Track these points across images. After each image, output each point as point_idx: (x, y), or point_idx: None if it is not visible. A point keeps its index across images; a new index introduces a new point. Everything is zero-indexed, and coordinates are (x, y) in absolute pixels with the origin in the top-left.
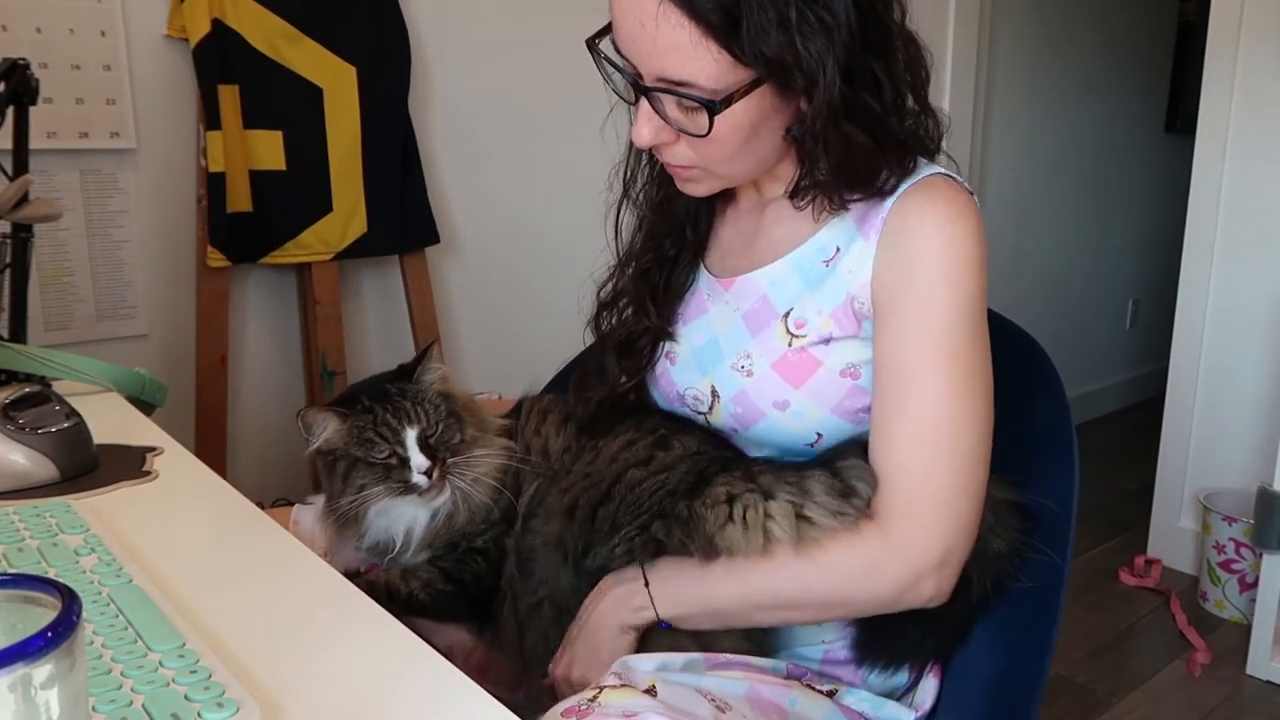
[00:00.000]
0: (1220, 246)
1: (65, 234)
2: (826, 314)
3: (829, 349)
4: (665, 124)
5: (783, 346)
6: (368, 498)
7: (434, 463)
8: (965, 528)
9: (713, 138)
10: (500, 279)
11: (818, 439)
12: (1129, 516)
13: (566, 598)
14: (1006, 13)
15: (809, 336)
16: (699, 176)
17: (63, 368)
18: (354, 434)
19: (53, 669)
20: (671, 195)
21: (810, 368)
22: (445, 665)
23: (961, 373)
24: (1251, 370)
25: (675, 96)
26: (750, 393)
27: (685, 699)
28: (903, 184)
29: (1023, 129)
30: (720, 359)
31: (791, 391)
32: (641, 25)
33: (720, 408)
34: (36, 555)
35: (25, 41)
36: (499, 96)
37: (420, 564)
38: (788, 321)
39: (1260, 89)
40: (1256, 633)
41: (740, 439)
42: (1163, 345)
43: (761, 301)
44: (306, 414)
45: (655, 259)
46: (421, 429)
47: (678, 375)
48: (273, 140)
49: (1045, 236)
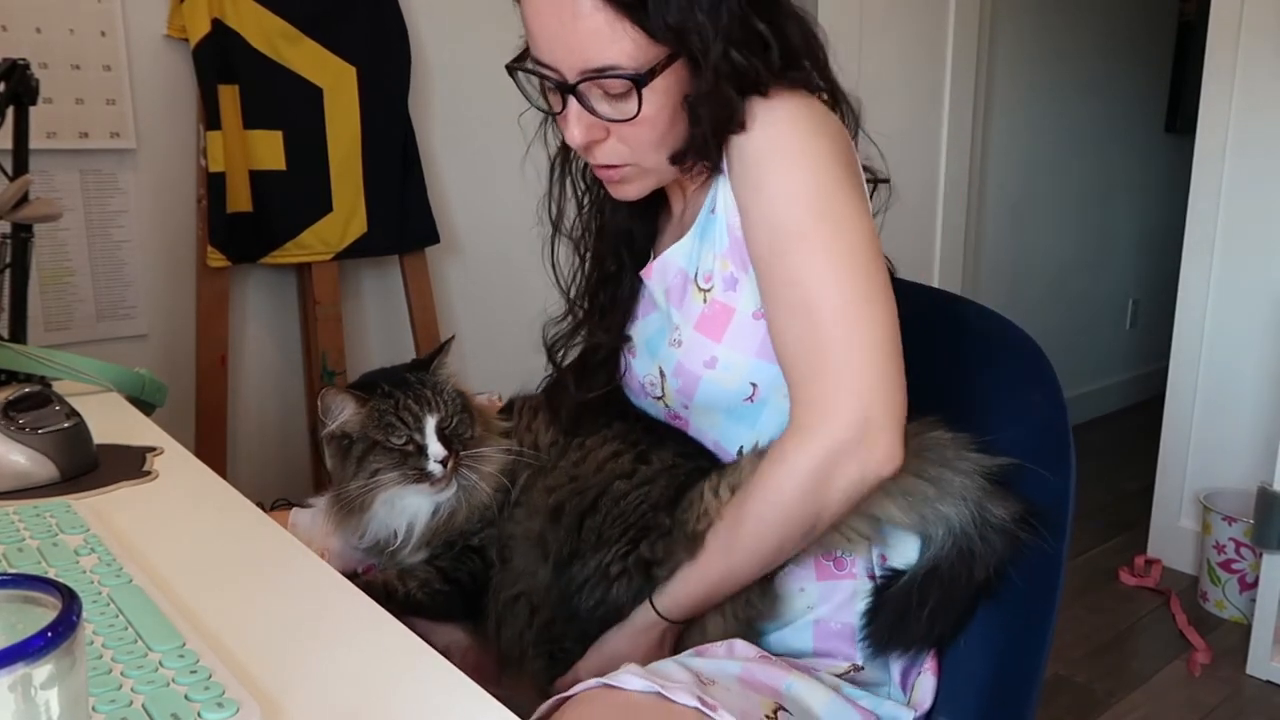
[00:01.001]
0: (1220, 246)
1: (65, 234)
2: (721, 255)
3: (736, 295)
4: (595, 120)
5: (699, 305)
6: (379, 484)
7: (449, 453)
8: (877, 387)
9: (641, 119)
10: (500, 279)
11: (754, 390)
12: (1129, 516)
13: (541, 595)
14: (1006, 13)
15: (715, 286)
16: (630, 175)
17: (63, 368)
18: (374, 417)
19: (53, 669)
20: (604, 222)
21: (725, 317)
22: (445, 665)
23: (821, 238)
24: (1251, 370)
25: (601, 84)
26: (683, 361)
27: (667, 667)
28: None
29: (1023, 129)
30: (661, 340)
31: (715, 347)
32: (560, 22)
33: (667, 386)
34: (36, 555)
35: (25, 41)
36: (499, 96)
37: (418, 564)
38: (698, 280)
39: (1260, 89)
40: (1256, 633)
41: (691, 416)
42: (1163, 345)
43: (679, 274)
44: (326, 395)
45: (600, 278)
46: (440, 418)
47: (637, 365)
48: (273, 140)
49: (1045, 236)
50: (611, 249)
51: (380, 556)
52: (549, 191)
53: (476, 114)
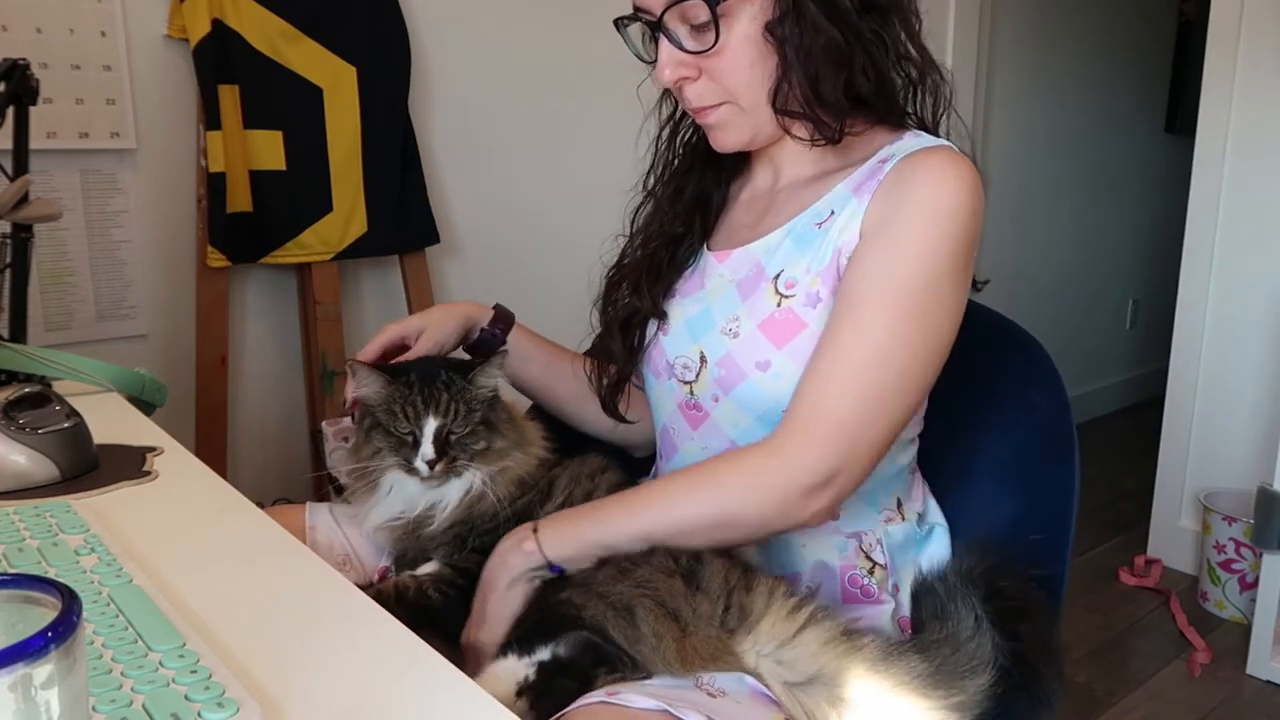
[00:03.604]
0: (1220, 246)
1: (65, 234)
2: (815, 273)
3: (816, 312)
4: (684, 57)
5: (770, 306)
6: (379, 465)
7: (439, 459)
8: (859, 459)
9: (724, 50)
10: (500, 279)
11: None
12: (1129, 516)
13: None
14: (1006, 13)
15: (798, 297)
16: (727, 118)
17: (63, 368)
18: (387, 401)
19: (53, 669)
20: (683, 185)
21: (795, 329)
22: (445, 665)
23: (906, 315)
24: (1251, 370)
25: (684, 15)
26: (735, 354)
27: (674, 683)
28: (904, 149)
29: (1023, 129)
30: (711, 325)
31: (774, 351)
32: None
33: (706, 373)
34: (36, 555)
35: (25, 41)
36: (499, 96)
37: (428, 571)
38: (777, 282)
39: (1260, 89)
40: (1256, 633)
41: (716, 410)
42: (1163, 345)
43: (755, 268)
44: (357, 365)
45: (662, 238)
46: (443, 424)
47: (669, 344)
48: (273, 140)
49: (1045, 236)
50: (680, 214)
51: (407, 538)
52: (654, 152)
53: (476, 114)
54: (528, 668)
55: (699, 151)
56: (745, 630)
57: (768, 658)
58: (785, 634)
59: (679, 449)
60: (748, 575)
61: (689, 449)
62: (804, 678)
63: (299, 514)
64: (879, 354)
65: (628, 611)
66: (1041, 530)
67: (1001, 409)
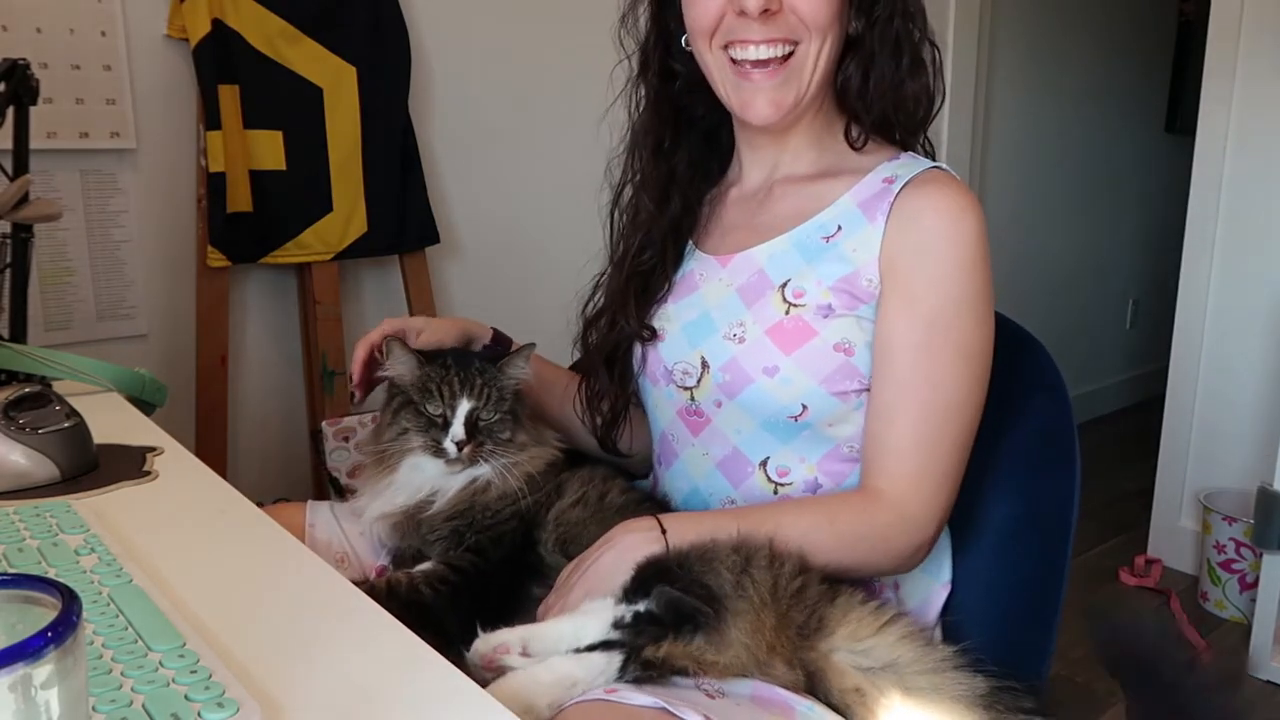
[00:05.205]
0: (1220, 246)
1: (65, 234)
2: (827, 286)
3: (826, 322)
4: None
5: (779, 314)
6: (405, 445)
7: (469, 441)
8: (950, 507)
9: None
10: (500, 279)
11: (803, 411)
12: (1129, 516)
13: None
14: (1006, 13)
15: (808, 307)
16: (786, 77)
17: (63, 368)
18: (421, 380)
19: (53, 669)
20: (669, 190)
21: (804, 336)
22: (445, 665)
23: (966, 358)
24: (1251, 370)
25: None
26: (741, 359)
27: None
28: (905, 171)
29: (1023, 129)
30: (712, 330)
31: (782, 358)
32: None
33: (708, 378)
34: (36, 555)
35: (25, 41)
36: (499, 96)
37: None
38: (784, 291)
39: (1260, 89)
40: (1256, 633)
41: (718, 416)
42: (1163, 345)
43: (758, 275)
44: (393, 344)
45: (651, 248)
46: (475, 407)
47: (666, 351)
48: (273, 140)
49: (1045, 237)
50: (674, 216)
51: (407, 528)
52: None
53: (476, 114)
54: (626, 610)
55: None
56: (821, 636)
57: (841, 650)
58: (866, 634)
59: (679, 455)
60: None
61: (690, 455)
62: (880, 664)
63: (299, 513)
64: (959, 402)
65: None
66: (1042, 530)
67: (1002, 409)
